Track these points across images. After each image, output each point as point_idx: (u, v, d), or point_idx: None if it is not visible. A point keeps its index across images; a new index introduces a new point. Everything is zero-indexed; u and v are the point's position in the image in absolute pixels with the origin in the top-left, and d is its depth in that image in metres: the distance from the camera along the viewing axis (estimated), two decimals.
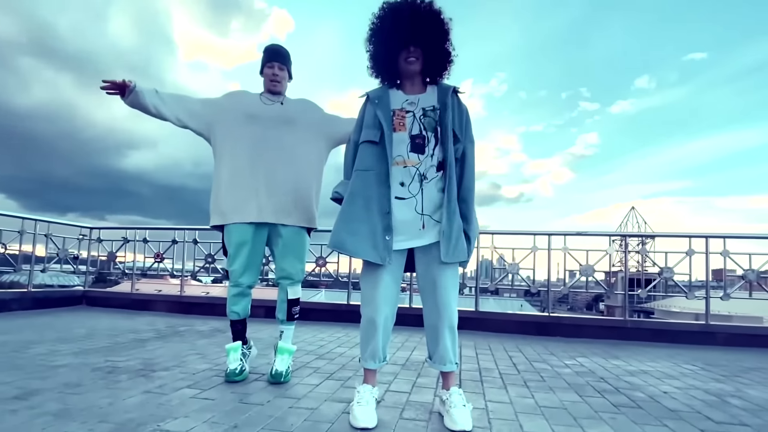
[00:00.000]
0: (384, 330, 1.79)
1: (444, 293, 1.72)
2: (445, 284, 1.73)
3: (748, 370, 2.92)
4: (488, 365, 2.78)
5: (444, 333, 1.74)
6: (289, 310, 2.31)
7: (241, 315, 2.33)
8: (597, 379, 2.49)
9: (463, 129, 1.82)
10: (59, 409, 1.68)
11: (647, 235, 6.06)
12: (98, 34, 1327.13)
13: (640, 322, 4.24)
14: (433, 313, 1.76)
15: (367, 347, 1.79)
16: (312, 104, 2.45)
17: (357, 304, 4.63)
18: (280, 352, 2.25)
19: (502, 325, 4.28)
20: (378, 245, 1.70)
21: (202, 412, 1.69)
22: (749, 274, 4.05)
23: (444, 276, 1.73)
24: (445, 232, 1.69)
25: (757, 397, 2.23)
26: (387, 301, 1.76)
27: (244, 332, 2.36)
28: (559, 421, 1.74)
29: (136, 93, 2.14)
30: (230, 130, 2.26)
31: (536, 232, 4.48)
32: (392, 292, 1.78)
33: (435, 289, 1.74)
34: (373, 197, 1.72)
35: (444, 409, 1.68)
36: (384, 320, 1.77)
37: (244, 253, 2.25)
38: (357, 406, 1.64)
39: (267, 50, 2.38)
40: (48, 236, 5.15)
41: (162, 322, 4.24)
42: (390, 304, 1.78)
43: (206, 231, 5.44)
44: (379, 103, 1.79)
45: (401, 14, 1.71)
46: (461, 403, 1.65)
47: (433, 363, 1.79)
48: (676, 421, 1.80)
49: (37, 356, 2.59)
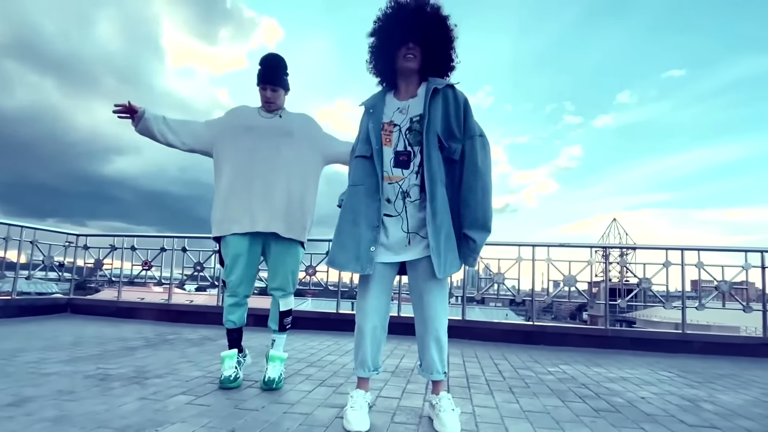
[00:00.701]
0: (372, 339, 1.84)
1: (429, 307, 1.78)
2: (431, 299, 1.78)
3: (721, 376, 3.06)
4: (475, 372, 2.86)
5: (430, 344, 1.80)
6: (281, 321, 2.36)
7: (237, 324, 2.37)
8: (579, 386, 2.59)
9: (461, 125, 1.77)
10: (56, 416, 1.70)
11: (626, 246, 6.26)
12: (84, 38, 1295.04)
13: (621, 331, 4.38)
14: (420, 325, 1.83)
15: (357, 355, 1.86)
16: (311, 119, 2.51)
17: (345, 313, 4.70)
18: (271, 360, 2.30)
19: (488, 334, 4.38)
20: (361, 257, 1.74)
21: (199, 418, 1.74)
22: (722, 285, 4.23)
23: (430, 290, 1.78)
24: (434, 249, 1.69)
25: (729, 402, 2.36)
26: (375, 310, 1.82)
27: (240, 340, 2.40)
28: (543, 424, 1.83)
29: (145, 120, 2.21)
30: (229, 144, 2.32)
31: (521, 243, 4.61)
32: (381, 302, 1.84)
33: (421, 303, 1.81)
34: (361, 211, 1.77)
35: (434, 413, 1.76)
36: (372, 329, 1.83)
37: (240, 264, 2.30)
38: (350, 410, 1.71)
39: (261, 67, 2.37)
40: (34, 243, 5.09)
41: (150, 331, 4.23)
42: (378, 314, 1.84)
43: (195, 239, 5.45)
44: (373, 113, 1.83)
45: (406, 10, 1.73)
46: (450, 407, 1.72)
47: (422, 371, 1.87)
48: (652, 424, 1.91)
49: (26, 364, 2.58)
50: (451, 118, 1.77)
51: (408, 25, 1.74)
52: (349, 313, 4.81)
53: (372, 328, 1.83)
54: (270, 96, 2.36)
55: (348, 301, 5.07)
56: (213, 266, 5.30)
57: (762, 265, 4.22)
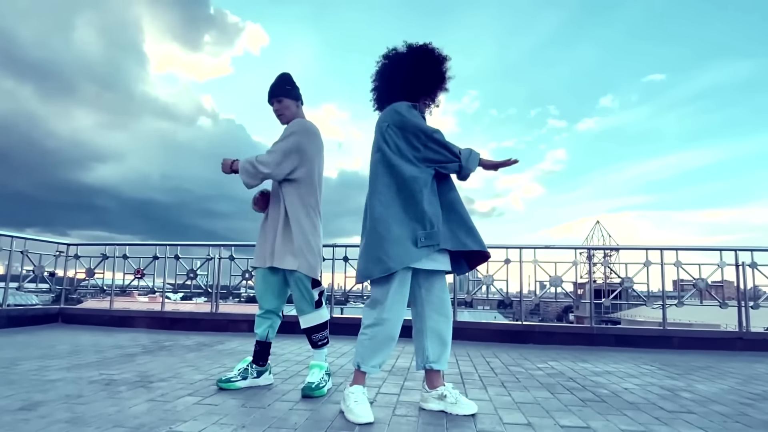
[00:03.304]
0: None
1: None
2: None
3: (699, 368, 3.24)
4: (468, 370, 2.98)
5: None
6: (310, 339, 2.43)
7: (260, 336, 2.44)
8: (566, 379, 2.73)
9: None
10: (70, 417, 1.77)
11: (609, 248, 6.48)
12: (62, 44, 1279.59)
13: (606, 329, 4.56)
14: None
15: (378, 356, 1.96)
16: (285, 128, 2.44)
17: (339, 317, 4.78)
18: (311, 368, 2.36)
19: (479, 334, 4.51)
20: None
21: (209, 416, 1.82)
22: (699, 282, 4.45)
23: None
24: None
25: (705, 390, 2.52)
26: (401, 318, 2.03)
27: (263, 354, 2.43)
28: (534, 413, 1.96)
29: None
30: None
31: (508, 245, 4.77)
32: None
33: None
34: None
35: (447, 402, 1.92)
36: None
37: (260, 282, 2.45)
38: (355, 405, 1.81)
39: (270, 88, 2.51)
40: (24, 253, 5.07)
41: (145, 338, 4.25)
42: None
43: (187, 246, 5.48)
44: None
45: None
46: (460, 392, 1.95)
47: (429, 362, 2.00)
48: (634, 411, 2.05)
49: (28, 372, 2.62)
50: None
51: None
52: (341, 317, 4.90)
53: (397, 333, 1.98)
54: (277, 108, 2.48)
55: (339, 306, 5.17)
56: (206, 273, 5.35)
57: (736, 262, 4.45)
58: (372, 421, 1.76)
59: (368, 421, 1.75)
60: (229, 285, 5.20)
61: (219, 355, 3.34)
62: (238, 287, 5.20)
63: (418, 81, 2.03)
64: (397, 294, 1.91)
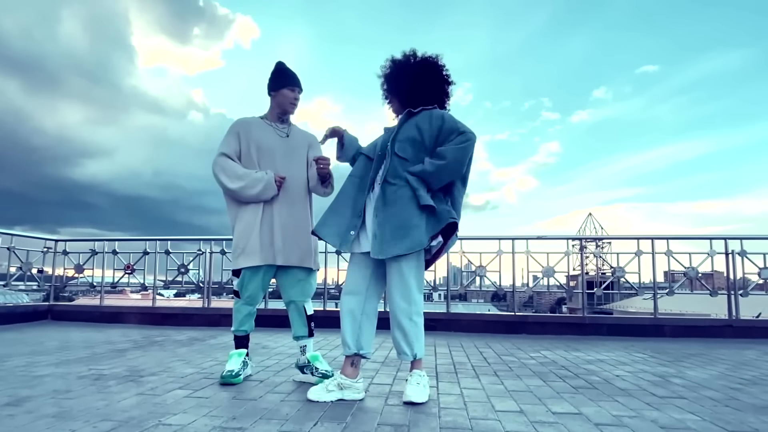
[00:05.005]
0: (351, 320, 2.05)
1: (391, 295, 2.05)
2: (391, 287, 2.04)
3: (689, 356, 3.27)
4: (461, 359, 2.98)
5: (393, 329, 2.03)
6: (309, 325, 2.42)
7: (248, 331, 2.44)
8: (559, 368, 2.74)
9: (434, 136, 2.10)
10: (57, 412, 1.74)
11: (600, 238, 6.52)
12: (48, 37, 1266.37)
13: (598, 318, 4.58)
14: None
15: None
16: (316, 142, 2.51)
17: (331, 310, 4.77)
18: (315, 360, 2.32)
19: (473, 325, 4.52)
20: (341, 235, 2.04)
21: (199, 408, 1.80)
22: (690, 271, 4.48)
23: (390, 280, 2.03)
24: (377, 234, 1.96)
25: (695, 376, 2.54)
26: (350, 293, 2.09)
27: (248, 342, 2.45)
28: (526, 401, 1.96)
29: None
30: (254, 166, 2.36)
31: (501, 236, 4.77)
32: (358, 287, 2.08)
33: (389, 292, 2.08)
34: (352, 198, 2.09)
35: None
36: (349, 311, 2.06)
37: (257, 276, 2.35)
38: None
39: (285, 72, 2.41)
40: (11, 250, 4.99)
41: (136, 334, 4.21)
42: (354, 298, 2.08)
43: (177, 241, 5.43)
44: (387, 131, 2.18)
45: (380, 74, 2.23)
46: (416, 381, 1.94)
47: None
48: (626, 397, 2.06)
49: (16, 368, 2.58)
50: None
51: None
52: (336, 310, 4.88)
53: (348, 310, 2.02)
54: (298, 98, 2.42)
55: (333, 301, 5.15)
56: (197, 269, 5.30)
57: (726, 251, 4.49)
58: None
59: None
60: (221, 280, 5.17)
61: (211, 349, 3.31)
62: (230, 282, 5.17)
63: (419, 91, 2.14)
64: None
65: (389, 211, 1.96)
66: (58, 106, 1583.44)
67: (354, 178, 2.11)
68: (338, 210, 2.07)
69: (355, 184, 2.10)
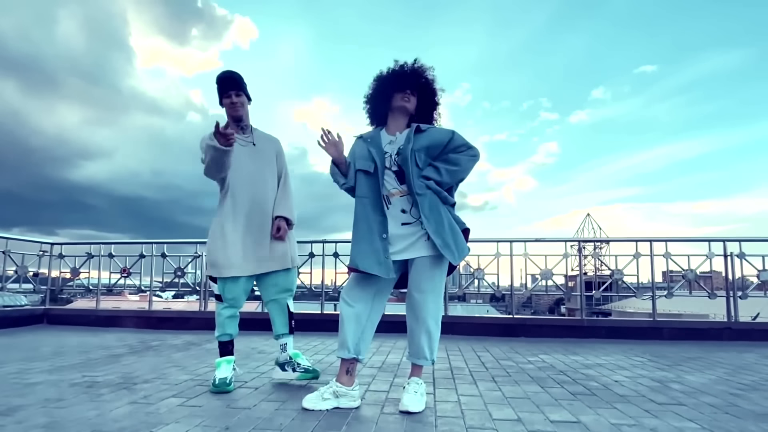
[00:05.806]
0: (355, 323, 2.06)
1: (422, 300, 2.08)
2: (425, 294, 2.07)
3: (689, 359, 3.25)
4: (459, 364, 2.96)
5: (421, 333, 2.08)
6: (290, 323, 2.47)
7: (233, 336, 2.41)
8: (557, 373, 2.72)
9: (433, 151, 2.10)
10: (48, 422, 1.71)
11: (598, 240, 6.52)
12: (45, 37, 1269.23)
13: (596, 321, 4.57)
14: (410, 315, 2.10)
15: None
16: (282, 149, 2.59)
17: (329, 313, 4.74)
18: (297, 357, 2.40)
19: (471, 328, 4.50)
20: (382, 263, 1.97)
21: (192, 418, 1.77)
22: (688, 273, 4.47)
23: (424, 285, 2.06)
24: (440, 242, 1.96)
25: (694, 381, 2.52)
26: (357, 299, 2.09)
27: (233, 347, 2.44)
28: (524, 408, 1.94)
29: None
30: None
31: (499, 239, 4.75)
32: (366, 294, 2.10)
33: (415, 297, 2.08)
34: (374, 221, 2.04)
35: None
36: (354, 314, 2.06)
37: (238, 285, 2.36)
38: None
39: (219, 81, 2.38)
40: (6, 253, 4.95)
41: (132, 338, 4.18)
42: (361, 302, 2.08)
43: (174, 245, 5.39)
44: (371, 142, 2.13)
45: (404, 68, 2.13)
46: (413, 389, 1.92)
47: (410, 356, 2.09)
48: (625, 404, 2.04)
49: (8, 375, 2.54)
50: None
51: (406, 77, 2.12)
52: (334, 313, 4.85)
53: (354, 314, 2.02)
54: (235, 101, 2.37)
55: (331, 303, 5.13)
56: (194, 272, 5.27)
57: (725, 253, 4.48)
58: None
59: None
60: None
61: (207, 354, 3.28)
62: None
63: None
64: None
65: (436, 218, 1.99)
66: (56, 107, 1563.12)
67: (365, 200, 2.08)
68: (365, 237, 2.02)
69: (369, 206, 2.07)
